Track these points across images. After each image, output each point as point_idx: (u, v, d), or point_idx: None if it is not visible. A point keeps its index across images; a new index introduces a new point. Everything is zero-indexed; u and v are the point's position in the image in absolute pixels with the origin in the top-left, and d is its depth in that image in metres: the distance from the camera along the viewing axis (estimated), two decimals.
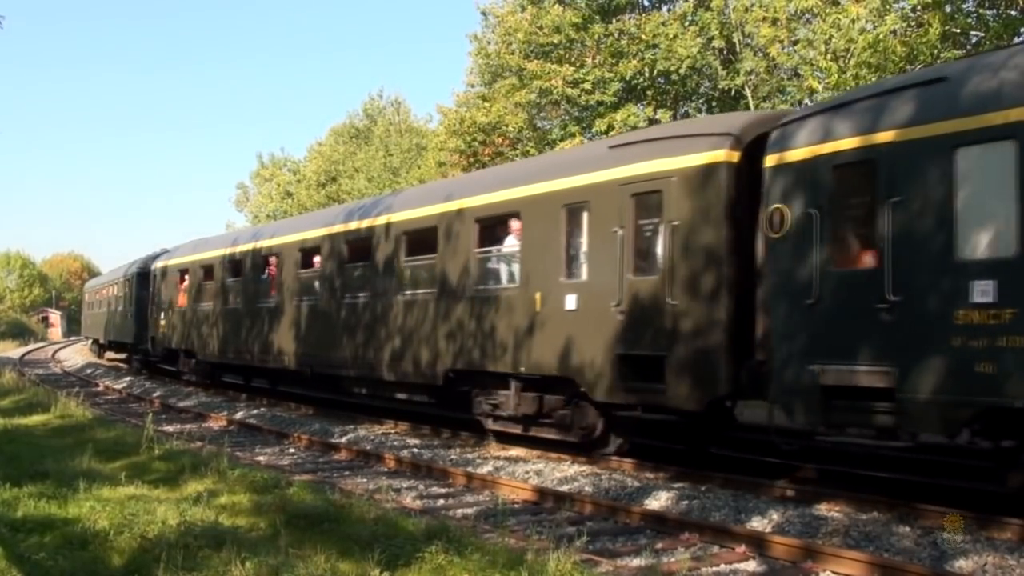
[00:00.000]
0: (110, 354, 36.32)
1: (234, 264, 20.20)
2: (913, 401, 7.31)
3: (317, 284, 16.53)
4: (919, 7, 15.99)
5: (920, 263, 7.38)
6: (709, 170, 9.20)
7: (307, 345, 16.43)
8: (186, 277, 23.16)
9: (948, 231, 7.22)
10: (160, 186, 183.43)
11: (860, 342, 7.75)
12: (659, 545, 7.06)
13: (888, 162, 7.67)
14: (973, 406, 6.99)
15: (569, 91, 23.70)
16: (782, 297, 8.52)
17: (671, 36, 22.68)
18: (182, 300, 23.11)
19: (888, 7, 16.31)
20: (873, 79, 14.98)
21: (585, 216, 10.58)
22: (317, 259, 16.51)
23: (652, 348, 9.51)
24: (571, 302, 10.54)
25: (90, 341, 43.38)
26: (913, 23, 16.53)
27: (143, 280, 27.60)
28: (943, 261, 7.23)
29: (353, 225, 15.42)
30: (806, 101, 19.04)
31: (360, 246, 15.19)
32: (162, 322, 24.42)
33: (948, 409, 7.14)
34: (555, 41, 24.27)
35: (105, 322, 34.85)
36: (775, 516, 7.84)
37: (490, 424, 12.25)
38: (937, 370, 7.16)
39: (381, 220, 14.56)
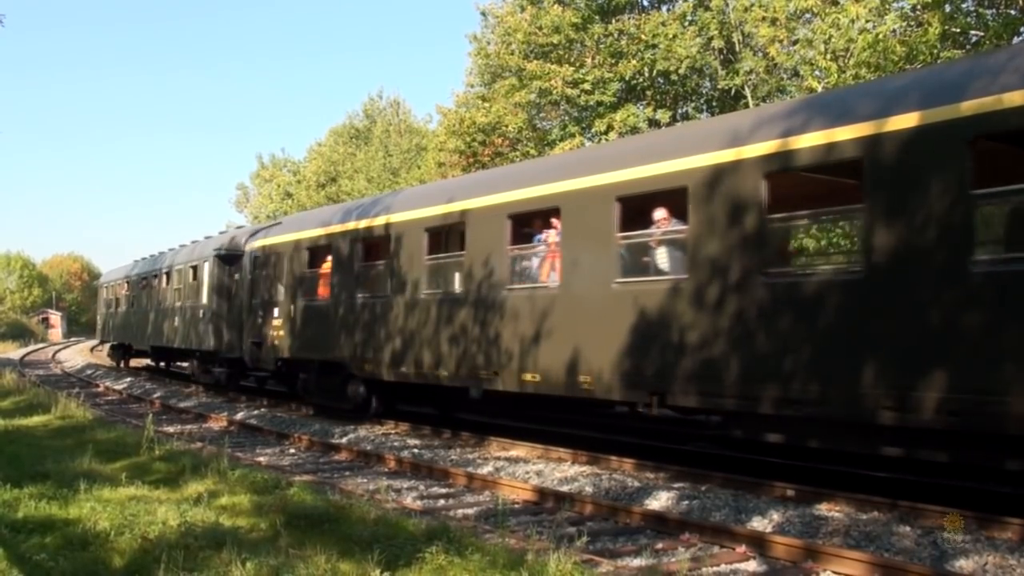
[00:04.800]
0: (137, 361, 31.91)
1: (444, 232, 13.32)
2: None
3: (666, 255, 9.85)
4: (918, 7, 16.02)
5: None
6: None
7: (648, 359, 9.44)
8: (320, 257, 16.19)
9: None
10: (160, 187, 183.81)
11: None
12: (659, 545, 7.06)
13: None
14: None
15: (569, 91, 23.75)
16: None
17: (670, 36, 22.73)
18: (324, 290, 15.85)
19: (887, 7, 16.35)
20: (872, 79, 14.98)
21: None
22: (662, 214, 9.86)
23: None
24: None
25: (107, 347, 36.04)
26: (913, 23, 16.54)
27: (227, 266, 20.70)
28: None
29: (806, 141, 8.12)
30: None
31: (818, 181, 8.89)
32: (275, 322, 17.21)
33: None
34: (554, 41, 24.32)
35: (143, 323, 27.49)
36: (775, 516, 7.84)
37: None
38: None
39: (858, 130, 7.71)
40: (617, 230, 9.85)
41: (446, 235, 13.39)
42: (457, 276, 12.59)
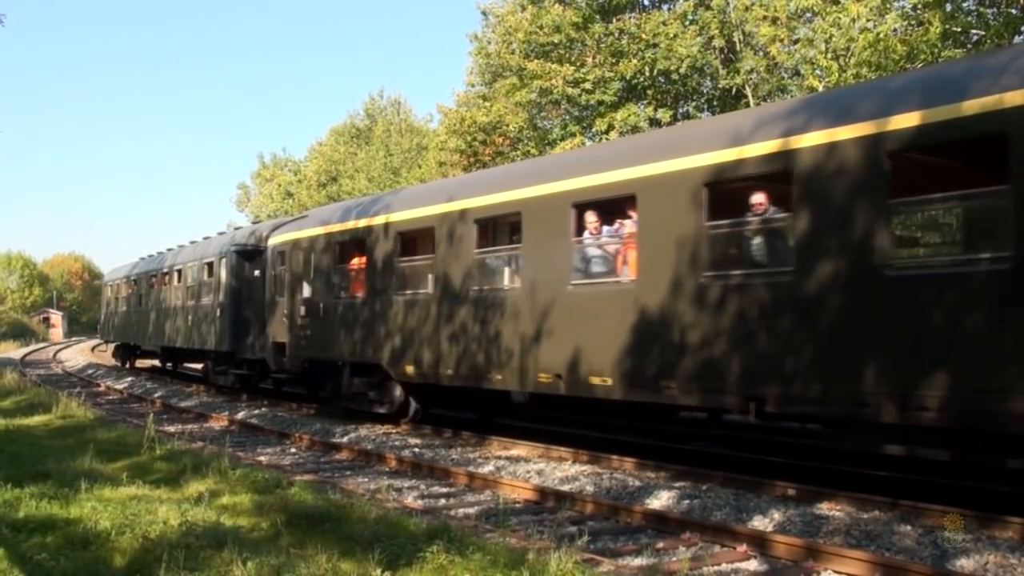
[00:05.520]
0: (141, 362, 30.94)
1: (496, 223, 12.42)
2: None
3: (763, 245, 8.97)
4: (919, 6, 16.02)
5: None
6: None
7: (746, 361, 8.47)
8: (353, 251, 15.08)
9: None
10: (161, 187, 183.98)
11: None
12: (660, 544, 7.06)
13: None
14: None
15: (569, 91, 23.76)
16: None
17: (671, 35, 22.75)
18: (358, 287, 14.84)
19: (888, 6, 16.36)
20: (873, 78, 14.98)
21: None
22: (759, 199, 8.91)
23: None
24: None
25: (111, 347, 35.20)
26: (913, 22, 16.54)
27: (246, 262, 19.66)
28: None
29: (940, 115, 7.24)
30: None
31: None
32: (301, 322, 16.26)
33: None
34: (555, 41, 24.33)
35: (151, 322, 26.44)
36: (776, 515, 7.84)
37: None
38: None
39: None
40: (705, 219, 8.86)
41: (498, 227, 12.43)
42: (510, 271, 11.85)
